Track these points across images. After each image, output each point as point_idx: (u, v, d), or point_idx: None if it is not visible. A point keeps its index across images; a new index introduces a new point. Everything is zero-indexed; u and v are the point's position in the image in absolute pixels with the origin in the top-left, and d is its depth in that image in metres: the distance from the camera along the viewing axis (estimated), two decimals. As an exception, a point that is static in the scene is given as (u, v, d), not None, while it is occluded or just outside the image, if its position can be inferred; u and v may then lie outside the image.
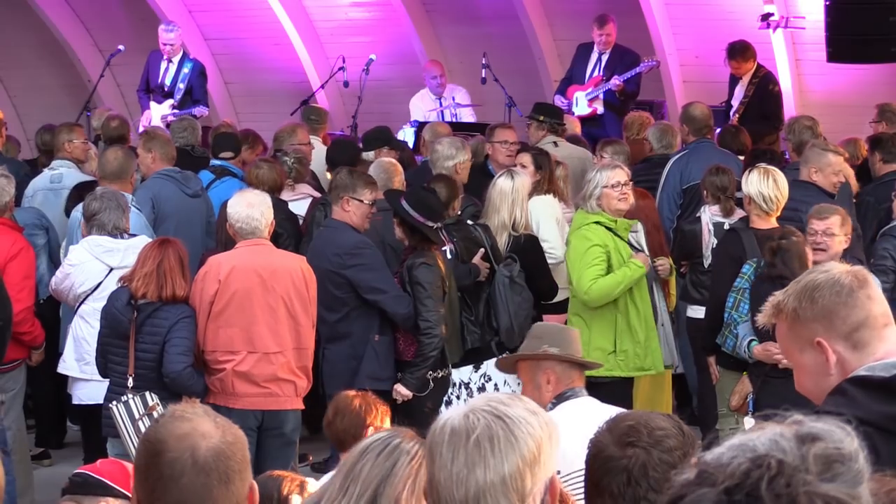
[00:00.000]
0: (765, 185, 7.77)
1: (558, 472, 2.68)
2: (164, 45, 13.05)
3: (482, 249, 8.04)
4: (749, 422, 6.99)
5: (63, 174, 9.67)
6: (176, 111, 12.80)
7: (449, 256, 7.91)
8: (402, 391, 7.58)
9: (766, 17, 12.50)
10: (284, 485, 4.27)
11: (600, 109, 12.46)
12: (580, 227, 8.00)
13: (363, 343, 7.73)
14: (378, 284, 7.63)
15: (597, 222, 7.89)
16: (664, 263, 8.38)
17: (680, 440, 2.88)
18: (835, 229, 7.47)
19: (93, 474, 3.82)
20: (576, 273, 7.94)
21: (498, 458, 2.44)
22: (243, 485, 2.64)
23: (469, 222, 8.32)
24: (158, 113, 12.71)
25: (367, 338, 7.76)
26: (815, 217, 7.55)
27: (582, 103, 12.62)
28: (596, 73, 12.77)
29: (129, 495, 3.71)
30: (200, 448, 2.58)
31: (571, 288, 8.11)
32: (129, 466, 3.98)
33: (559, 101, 12.51)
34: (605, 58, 12.78)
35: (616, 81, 12.39)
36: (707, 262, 8.66)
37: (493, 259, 8.05)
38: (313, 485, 4.22)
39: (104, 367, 7.24)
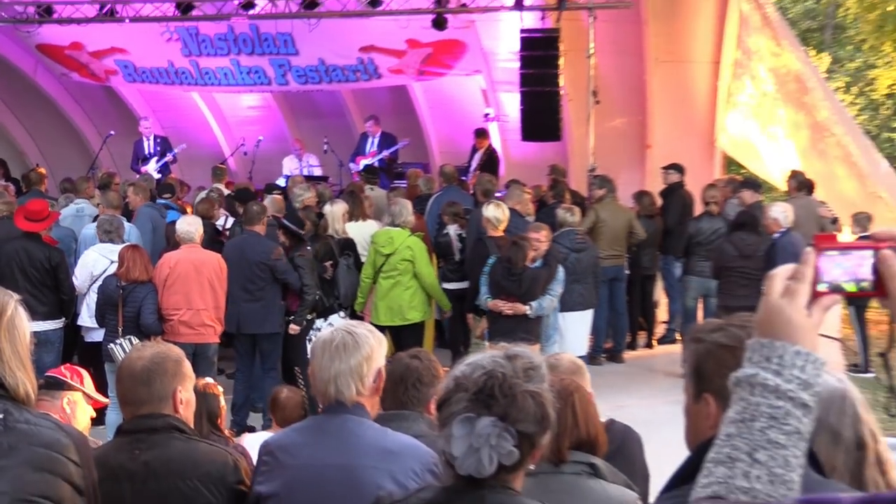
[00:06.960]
0: (495, 212, 9.10)
1: None
2: (145, 129, 15.61)
3: (331, 261, 9.27)
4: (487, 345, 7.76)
5: (84, 207, 10.99)
6: (157, 165, 14.93)
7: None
8: (295, 328, 8.88)
9: (487, 115, 15.22)
10: (205, 386, 4.79)
11: (377, 165, 14.50)
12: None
13: (272, 303, 8.81)
14: (286, 270, 8.71)
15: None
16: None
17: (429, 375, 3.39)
18: (542, 238, 8.50)
19: (56, 376, 4.08)
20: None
21: (348, 354, 2.80)
22: (163, 386, 3.08)
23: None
24: (150, 170, 14.73)
25: (275, 300, 8.84)
26: (532, 230, 8.62)
27: (365, 164, 14.63)
28: (373, 148, 14.97)
29: (84, 390, 4.04)
30: (135, 364, 3.11)
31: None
32: (84, 371, 4.17)
33: (353, 166, 14.85)
34: (376, 139, 15.07)
35: (387, 154, 14.88)
36: (457, 258, 10.11)
37: (336, 255, 9.39)
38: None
39: (101, 320, 8.29)
